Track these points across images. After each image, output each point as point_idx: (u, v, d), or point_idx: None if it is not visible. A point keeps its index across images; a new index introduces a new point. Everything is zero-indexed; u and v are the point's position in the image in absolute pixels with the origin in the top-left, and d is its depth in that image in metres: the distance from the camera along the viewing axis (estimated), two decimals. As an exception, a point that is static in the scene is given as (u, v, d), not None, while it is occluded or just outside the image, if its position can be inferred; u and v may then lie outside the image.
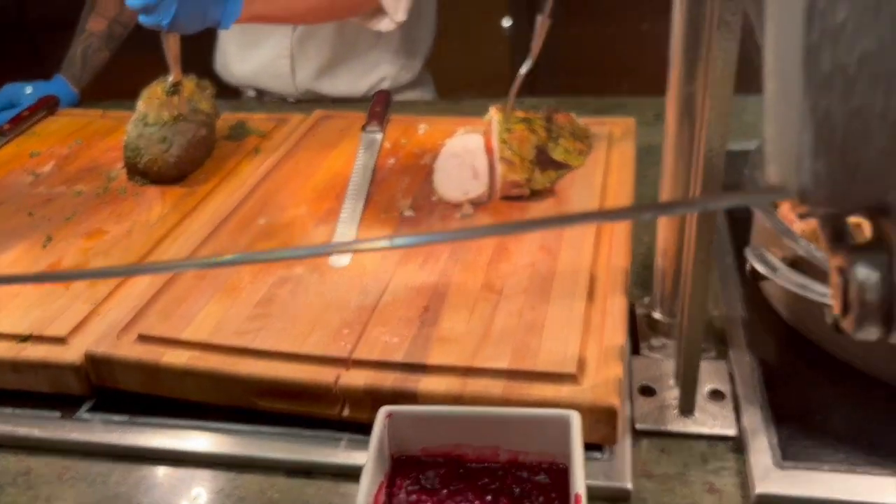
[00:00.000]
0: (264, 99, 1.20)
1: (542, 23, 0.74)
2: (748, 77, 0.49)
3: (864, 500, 0.51)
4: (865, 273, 0.19)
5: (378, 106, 0.93)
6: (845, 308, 0.20)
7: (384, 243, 0.26)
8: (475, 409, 0.51)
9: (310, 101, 1.15)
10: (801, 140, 0.18)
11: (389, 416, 0.50)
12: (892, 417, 0.56)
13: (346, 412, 0.58)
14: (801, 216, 0.20)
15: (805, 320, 0.61)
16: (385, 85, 1.14)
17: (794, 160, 0.19)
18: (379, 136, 0.88)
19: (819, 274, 0.55)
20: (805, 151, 0.18)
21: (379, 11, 1.00)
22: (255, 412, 0.59)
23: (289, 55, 1.13)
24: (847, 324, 0.20)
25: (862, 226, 0.20)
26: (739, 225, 0.73)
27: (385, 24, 1.00)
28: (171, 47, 0.82)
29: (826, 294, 0.54)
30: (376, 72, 1.14)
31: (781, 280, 0.57)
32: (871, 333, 0.20)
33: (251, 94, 1.21)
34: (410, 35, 1.15)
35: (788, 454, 0.54)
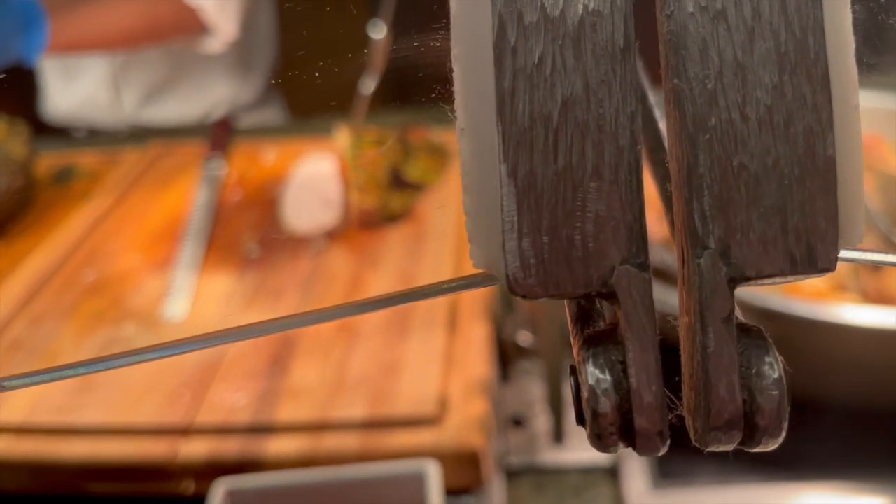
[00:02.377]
0: (96, 137, 1.09)
1: (382, 39, 0.70)
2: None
3: (741, 513, 0.49)
4: (595, 376, 0.15)
5: (219, 135, 0.86)
6: (579, 417, 0.16)
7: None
8: (322, 473, 0.46)
9: (145, 134, 1.06)
10: (502, 212, 0.14)
11: (229, 493, 0.44)
12: (762, 422, 0.55)
13: (191, 488, 0.52)
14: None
15: (671, 332, 0.59)
16: (223, 108, 1.06)
17: (497, 239, 0.15)
18: (221, 169, 0.82)
19: (675, 283, 0.53)
20: (508, 227, 0.14)
21: (205, 32, 0.93)
22: (87, 499, 0.52)
23: (112, 84, 1.04)
24: (588, 436, 0.16)
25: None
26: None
27: (214, 45, 0.93)
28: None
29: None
30: (211, 94, 1.06)
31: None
32: (615, 446, 0.16)
33: (81, 133, 1.10)
34: (245, 50, 1.08)
35: (663, 473, 0.52)
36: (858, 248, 0.15)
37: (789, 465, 0.52)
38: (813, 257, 0.14)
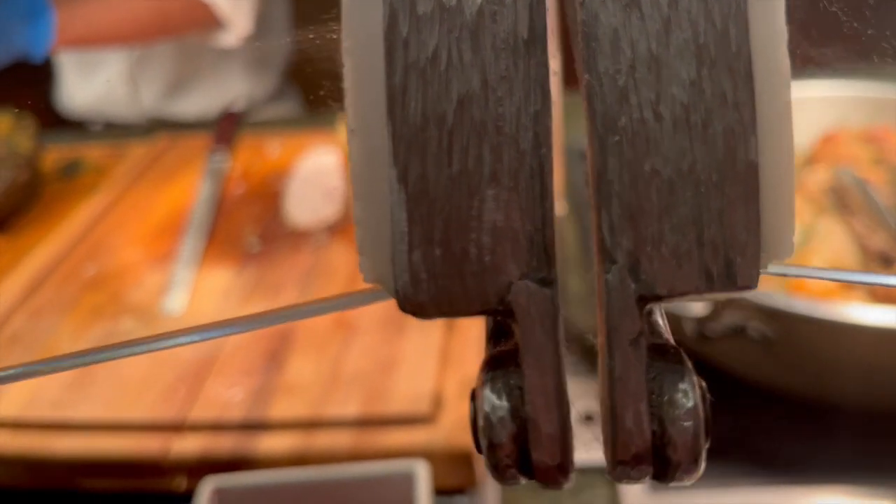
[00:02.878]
0: (113, 131, 1.10)
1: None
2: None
3: (741, 517, 0.48)
4: (491, 403, 0.13)
5: (224, 129, 0.86)
6: (476, 443, 0.14)
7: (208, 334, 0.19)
8: (312, 471, 0.45)
9: (161, 129, 1.06)
10: (393, 221, 0.13)
11: (216, 492, 0.44)
12: (766, 423, 0.53)
13: (183, 485, 0.51)
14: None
15: (673, 323, 0.57)
16: (240, 103, 1.06)
17: (387, 250, 0.13)
18: (225, 163, 0.82)
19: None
20: (398, 238, 0.13)
21: (219, 26, 0.93)
22: (83, 495, 0.51)
23: (129, 79, 1.04)
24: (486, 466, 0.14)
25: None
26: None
27: (228, 40, 0.93)
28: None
29: (683, 305, 0.50)
30: (227, 89, 1.06)
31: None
32: (513, 479, 0.14)
33: (97, 127, 1.10)
34: (260, 45, 1.07)
35: (664, 475, 0.51)
36: (788, 262, 0.13)
37: (794, 467, 0.50)
38: (731, 273, 0.12)
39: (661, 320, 0.14)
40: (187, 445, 0.51)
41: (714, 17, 0.12)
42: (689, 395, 0.13)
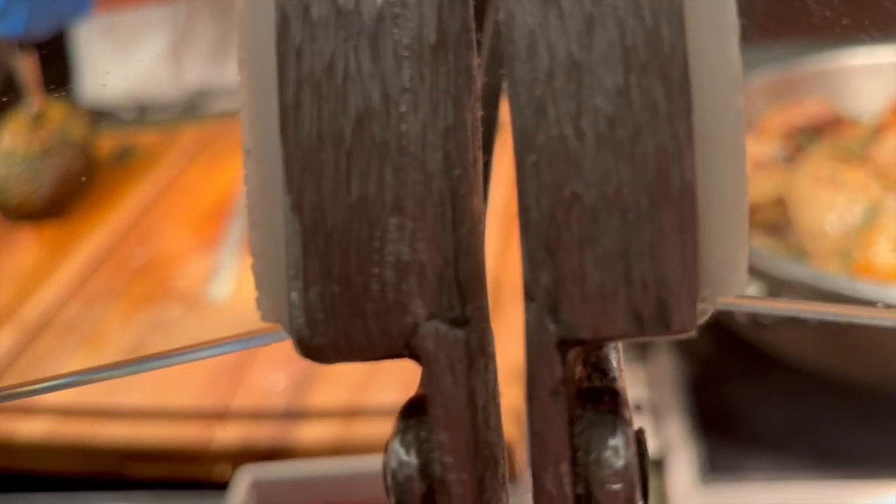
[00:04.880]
0: (147, 117, 1.09)
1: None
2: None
3: (797, 513, 0.45)
4: (399, 457, 0.12)
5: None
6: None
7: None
8: (350, 462, 0.45)
9: (203, 104, 1.06)
10: (288, 254, 0.12)
11: (253, 483, 0.44)
12: (826, 414, 0.50)
13: (228, 473, 0.52)
14: None
15: (723, 315, 0.55)
16: None
17: (284, 286, 0.12)
18: (273, 146, 0.81)
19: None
20: (293, 273, 0.12)
21: None
22: (131, 480, 0.53)
23: (174, 56, 1.03)
24: None
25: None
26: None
27: None
28: (28, 67, 0.74)
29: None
30: None
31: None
32: None
33: (130, 115, 1.09)
34: None
35: (714, 466, 0.48)
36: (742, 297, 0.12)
37: (854, 460, 0.47)
38: (665, 315, 0.11)
39: (612, 354, 0.13)
40: (229, 434, 0.51)
41: (644, 14, 0.10)
42: (619, 452, 0.11)
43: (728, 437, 0.50)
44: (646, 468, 0.12)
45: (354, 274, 0.11)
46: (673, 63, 0.10)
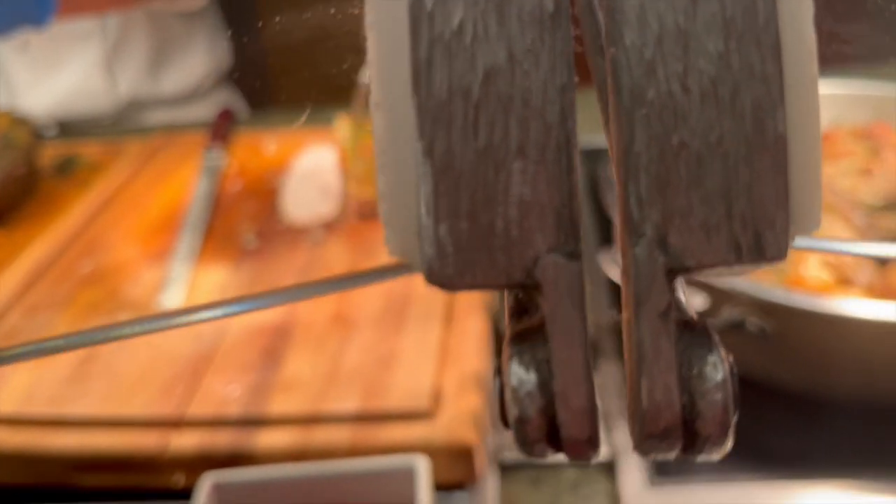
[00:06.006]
0: (71, 131, 1.06)
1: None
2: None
3: (741, 512, 0.48)
4: (519, 377, 0.14)
5: (220, 126, 0.86)
6: (504, 420, 0.14)
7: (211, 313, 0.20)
8: (311, 467, 0.45)
9: (132, 116, 1.04)
10: (418, 195, 0.13)
11: (216, 487, 0.44)
12: (765, 418, 0.54)
13: (181, 481, 0.51)
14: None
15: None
16: (211, 76, 1.05)
17: (413, 224, 0.14)
18: (222, 160, 0.81)
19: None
20: (424, 211, 0.13)
21: None
22: (81, 490, 0.51)
23: (106, 67, 1.02)
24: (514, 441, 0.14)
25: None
26: (605, 223, 0.70)
27: (194, 3, 0.92)
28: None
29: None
30: (197, 61, 1.04)
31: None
32: (542, 452, 0.14)
33: (51, 132, 1.06)
34: (218, 11, 1.06)
35: (662, 470, 0.51)
36: (816, 235, 0.14)
37: (793, 462, 0.51)
38: (760, 245, 0.13)
39: (682, 297, 0.14)
40: (185, 441, 0.50)
41: (741, -10, 0.12)
42: (718, 367, 0.13)
43: (674, 441, 0.53)
44: (736, 384, 0.13)
45: (481, 211, 0.13)
46: (767, 32, 0.12)
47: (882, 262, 0.53)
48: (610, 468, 0.51)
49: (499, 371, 0.14)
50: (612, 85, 0.12)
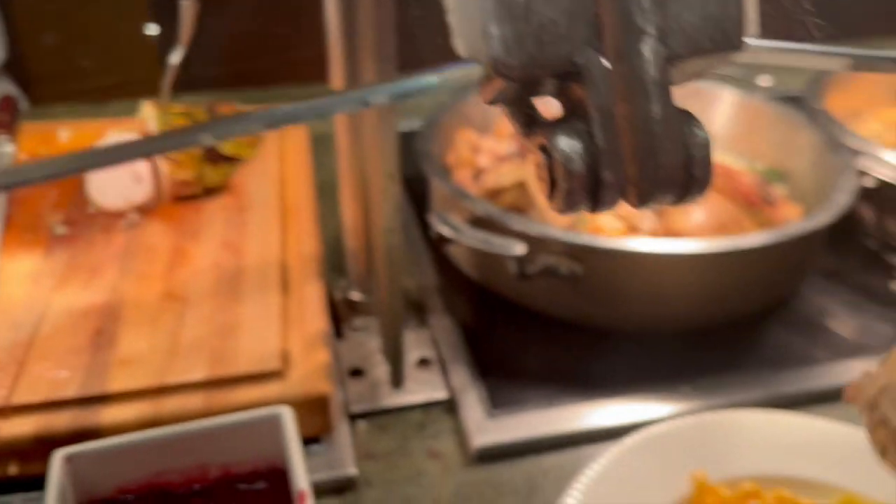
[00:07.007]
0: None
1: (187, 6, 0.68)
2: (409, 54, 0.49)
3: (566, 429, 0.54)
4: (567, 143, 0.19)
5: (4, 113, 0.80)
6: (552, 186, 0.19)
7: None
8: (168, 429, 0.44)
9: None
10: (483, 6, 0.18)
11: (68, 460, 0.42)
12: (578, 353, 0.61)
13: (13, 469, 0.48)
14: (491, 102, 0.19)
15: (491, 276, 0.63)
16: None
17: (479, 28, 0.18)
18: (10, 148, 0.76)
19: (498, 229, 0.58)
20: (488, 18, 0.18)
21: None
22: None
23: None
24: (556, 203, 0.19)
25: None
26: (418, 195, 0.75)
27: None
28: None
29: (507, 245, 0.56)
30: None
31: (466, 239, 0.58)
32: (581, 207, 0.19)
33: None
34: None
35: (497, 403, 0.56)
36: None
37: (600, 384, 0.58)
38: (728, 38, 0.19)
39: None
40: (17, 427, 0.48)
41: None
42: (702, 128, 0.18)
43: (504, 378, 0.58)
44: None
45: (534, 14, 0.17)
46: None
47: (661, 210, 0.63)
48: (451, 406, 0.56)
49: (542, 149, 0.18)
50: None
